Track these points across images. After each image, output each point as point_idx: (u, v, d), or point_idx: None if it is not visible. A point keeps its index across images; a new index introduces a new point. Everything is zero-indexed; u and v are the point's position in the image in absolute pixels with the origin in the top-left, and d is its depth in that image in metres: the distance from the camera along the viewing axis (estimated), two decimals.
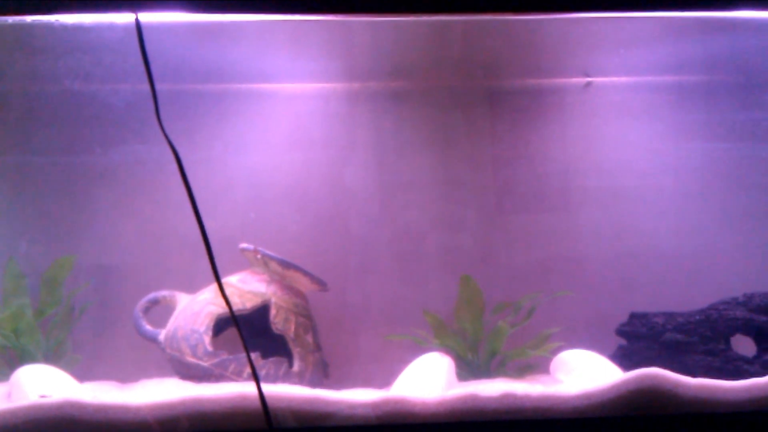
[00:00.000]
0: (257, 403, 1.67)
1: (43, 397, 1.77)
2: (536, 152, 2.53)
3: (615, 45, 2.37)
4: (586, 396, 1.73)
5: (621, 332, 2.18)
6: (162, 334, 2.17)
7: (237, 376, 2.05)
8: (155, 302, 2.24)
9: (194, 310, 2.14)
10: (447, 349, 2.23)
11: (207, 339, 2.09)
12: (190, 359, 2.08)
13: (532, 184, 2.53)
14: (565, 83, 2.53)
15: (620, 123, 2.53)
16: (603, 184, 2.51)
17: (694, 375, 1.79)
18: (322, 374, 2.21)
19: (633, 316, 2.18)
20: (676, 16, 2.06)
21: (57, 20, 1.87)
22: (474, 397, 1.72)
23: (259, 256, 2.20)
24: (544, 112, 2.53)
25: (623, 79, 2.54)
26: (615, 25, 2.23)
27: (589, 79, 2.52)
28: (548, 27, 2.23)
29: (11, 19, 1.85)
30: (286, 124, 2.50)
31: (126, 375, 2.23)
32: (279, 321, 2.15)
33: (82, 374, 2.10)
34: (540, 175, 2.53)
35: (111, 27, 1.93)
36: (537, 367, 2.25)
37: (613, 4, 1.82)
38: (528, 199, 2.53)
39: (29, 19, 1.84)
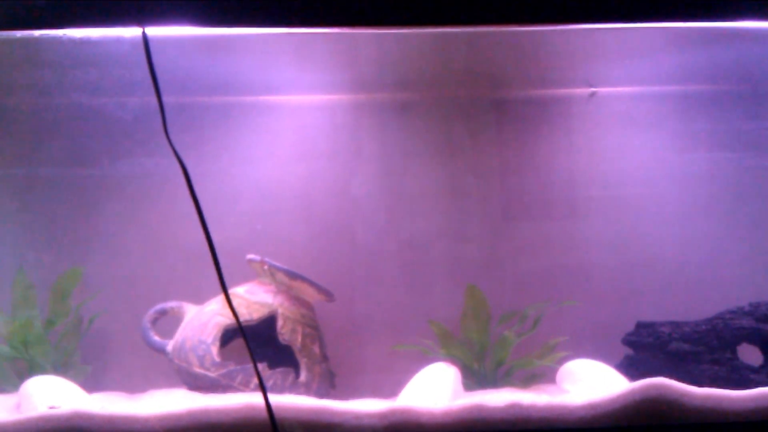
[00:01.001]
0: (264, 413, 1.68)
1: (52, 408, 1.78)
2: (541, 162, 2.53)
3: (619, 55, 2.37)
4: (592, 406, 1.73)
5: (627, 342, 2.18)
6: (170, 345, 2.18)
7: (244, 387, 2.06)
8: (163, 313, 2.25)
9: (202, 320, 2.15)
10: (453, 359, 2.23)
11: (214, 350, 2.09)
12: (198, 370, 2.09)
13: (537, 193, 2.53)
14: (569, 93, 2.54)
15: (625, 133, 2.54)
16: (608, 193, 2.51)
17: (700, 384, 1.79)
18: (329, 385, 2.22)
19: (639, 326, 2.18)
20: (679, 27, 2.06)
21: (65, 34, 1.88)
22: (480, 408, 1.72)
23: (266, 267, 2.21)
24: (549, 123, 2.54)
25: (627, 89, 2.54)
26: (619, 36, 2.23)
27: (594, 89, 2.53)
28: (552, 38, 2.23)
29: (19, 34, 1.87)
30: (292, 136, 2.51)
31: (134, 386, 2.24)
32: (286, 331, 2.16)
33: (91, 385, 2.11)
34: (545, 184, 2.53)
35: (118, 40, 1.94)
36: (543, 376, 2.25)
37: (616, 15, 1.83)
38: (533, 208, 2.53)
39: (37, 33, 1.85)
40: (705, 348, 2.07)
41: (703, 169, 2.52)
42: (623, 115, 2.53)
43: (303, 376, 2.13)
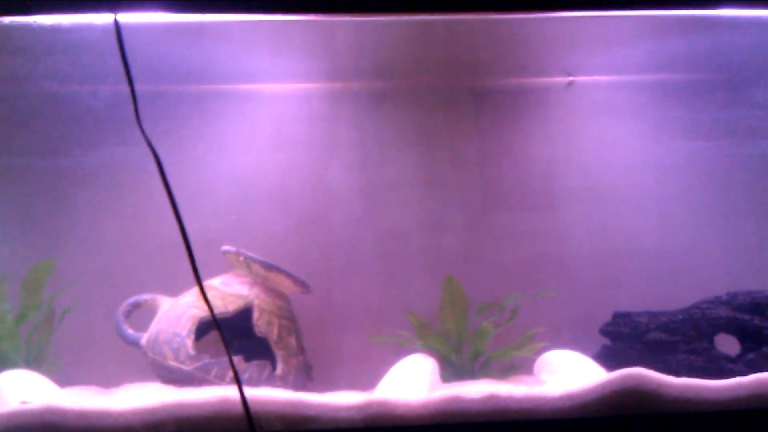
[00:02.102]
0: (240, 407, 1.66)
1: (23, 403, 1.76)
2: (520, 151, 2.54)
3: (597, 44, 2.38)
4: (570, 397, 1.73)
5: (604, 332, 2.18)
6: (144, 338, 2.15)
7: (220, 380, 2.04)
8: (137, 306, 2.22)
9: (176, 313, 2.13)
10: (431, 351, 2.22)
11: (189, 343, 2.07)
12: (173, 363, 2.06)
13: (515, 183, 2.53)
14: (547, 82, 2.54)
15: (603, 122, 2.54)
16: (586, 182, 2.52)
17: (677, 374, 1.80)
18: (306, 377, 2.21)
19: (616, 316, 2.18)
20: (657, 15, 2.06)
21: (35, 21, 1.85)
22: (458, 399, 1.72)
23: (241, 259, 2.19)
24: (528, 112, 2.54)
25: (605, 78, 2.54)
26: (596, 24, 2.23)
27: (572, 78, 2.52)
28: (530, 26, 2.23)
29: None
30: (268, 125, 2.49)
31: (108, 379, 2.21)
32: (262, 324, 2.14)
33: (64, 379, 2.09)
34: (524, 174, 2.53)
35: (90, 27, 1.91)
36: (521, 367, 2.25)
37: (594, 3, 1.82)
38: (512, 198, 2.53)
39: (7, 20, 1.82)
40: (682, 338, 2.08)
41: (681, 158, 2.53)
42: (601, 104, 2.54)
43: (279, 368, 2.12)
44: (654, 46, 2.38)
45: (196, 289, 2.15)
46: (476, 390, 1.74)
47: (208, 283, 2.18)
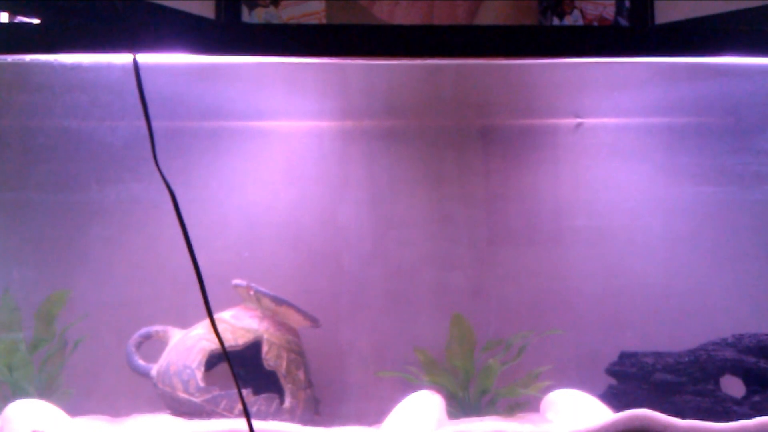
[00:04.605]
0: None
1: None
2: (528, 191, 2.55)
3: (605, 88, 2.40)
4: None
5: (611, 371, 2.19)
6: (154, 369, 2.17)
7: (228, 413, 2.05)
8: (148, 337, 2.24)
9: (187, 345, 2.15)
10: (438, 387, 2.23)
11: (199, 375, 2.09)
12: (182, 395, 2.08)
13: (523, 221, 2.55)
14: (556, 124, 2.56)
15: (610, 163, 2.56)
16: (593, 223, 2.53)
17: (683, 415, 1.80)
18: (314, 411, 2.22)
19: (623, 356, 2.19)
20: (665, 61, 2.09)
21: (56, 59, 1.89)
22: None
23: (251, 293, 2.21)
24: (536, 152, 2.55)
25: (613, 121, 2.57)
26: (605, 68, 2.26)
27: (580, 120, 2.55)
28: (540, 70, 2.26)
29: (11, 58, 1.88)
30: (280, 162, 2.52)
31: (117, 410, 2.23)
32: (271, 357, 2.16)
33: (74, 409, 2.10)
34: (531, 213, 2.54)
35: (109, 67, 1.96)
36: (527, 405, 2.25)
37: (603, 50, 1.86)
38: (519, 236, 2.54)
39: (28, 58, 1.87)
40: (688, 379, 2.09)
41: (687, 202, 2.54)
42: (609, 146, 2.55)
43: (287, 402, 2.13)
44: (661, 91, 2.41)
45: (206, 322, 2.17)
46: (483, 427, 1.76)
47: (218, 316, 2.20)
